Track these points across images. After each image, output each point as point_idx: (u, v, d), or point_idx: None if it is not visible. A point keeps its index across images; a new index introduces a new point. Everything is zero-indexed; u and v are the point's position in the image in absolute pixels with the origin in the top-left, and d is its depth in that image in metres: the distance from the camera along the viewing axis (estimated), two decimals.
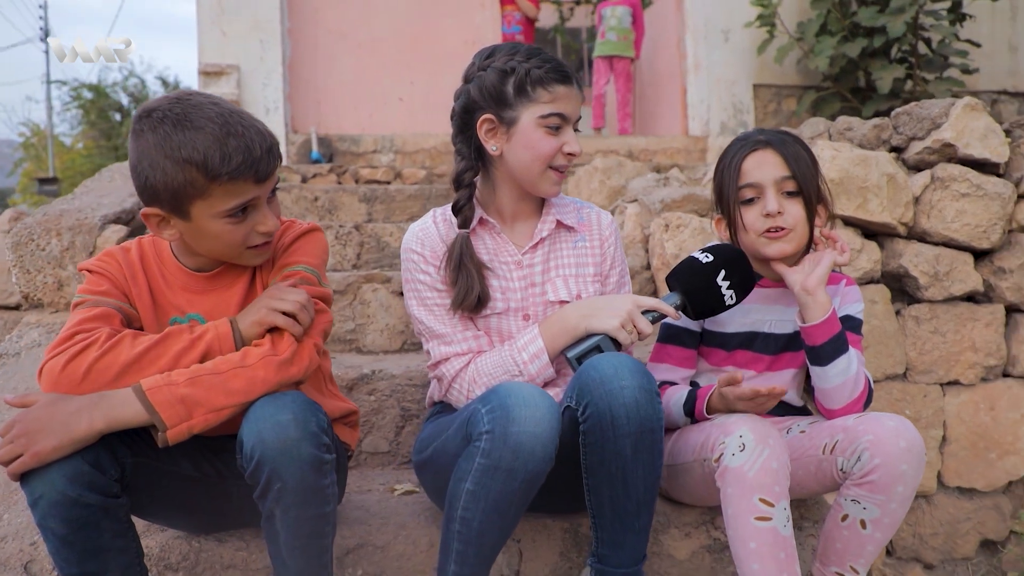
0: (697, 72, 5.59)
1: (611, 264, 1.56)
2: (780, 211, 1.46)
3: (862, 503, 1.33)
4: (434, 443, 1.41)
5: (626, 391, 1.23)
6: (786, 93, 5.67)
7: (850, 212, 2.22)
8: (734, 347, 1.57)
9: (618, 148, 5.06)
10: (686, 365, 1.59)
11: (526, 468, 1.18)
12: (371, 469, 1.93)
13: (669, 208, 2.50)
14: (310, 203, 3.52)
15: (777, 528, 1.27)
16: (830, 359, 1.43)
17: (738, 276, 1.41)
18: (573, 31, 9.54)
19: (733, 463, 1.28)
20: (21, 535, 1.43)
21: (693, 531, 1.56)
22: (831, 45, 4.87)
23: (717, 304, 1.41)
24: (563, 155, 1.44)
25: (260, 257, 1.31)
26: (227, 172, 1.15)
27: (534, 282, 1.51)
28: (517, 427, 1.17)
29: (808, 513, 1.64)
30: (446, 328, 1.46)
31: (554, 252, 1.53)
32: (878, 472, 1.30)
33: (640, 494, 1.28)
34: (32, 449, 1.07)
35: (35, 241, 2.33)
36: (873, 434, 1.32)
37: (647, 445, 1.25)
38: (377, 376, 1.96)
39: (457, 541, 1.24)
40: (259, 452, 1.11)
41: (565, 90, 1.42)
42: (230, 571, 1.40)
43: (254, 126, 1.21)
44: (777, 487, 1.27)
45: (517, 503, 1.22)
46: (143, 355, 1.16)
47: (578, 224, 1.55)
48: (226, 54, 4.85)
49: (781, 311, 1.56)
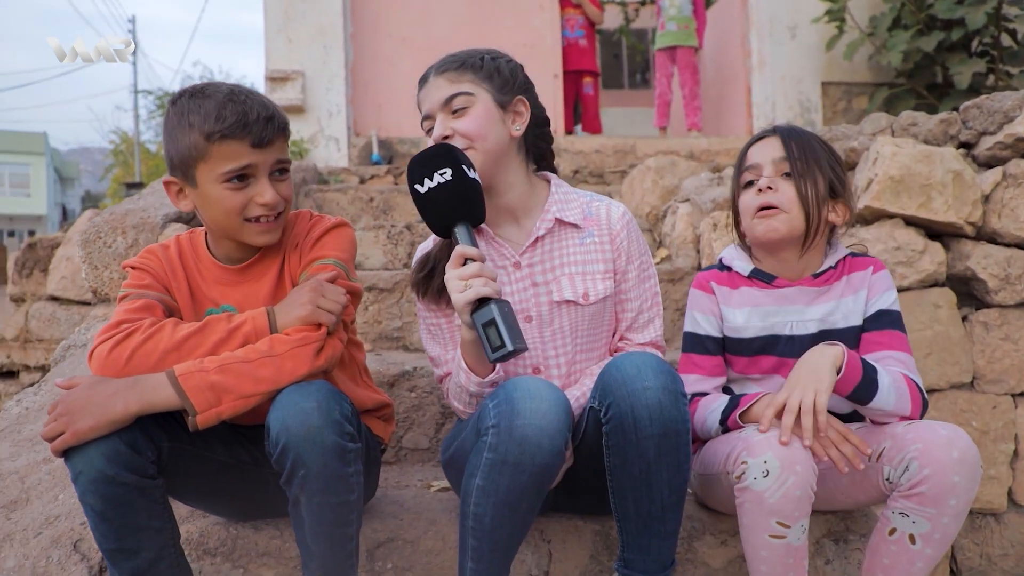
0: (762, 70, 5.43)
1: (627, 259, 1.47)
2: (772, 187, 1.43)
3: (911, 516, 1.27)
4: (455, 441, 1.42)
5: (649, 392, 1.19)
6: (856, 91, 5.45)
7: (912, 211, 2.11)
8: (754, 352, 1.51)
9: (679, 149, 4.97)
10: (715, 373, 1.53)
11: (533, 462, 1.16)
12: (411, 465, 1.95)
13: (720, 207, 2.44)
14: (365, 203, 3.58)
15: (790, 542, 1.25)
16: (864, 401, 1.35)
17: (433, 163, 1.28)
18: (639, 32, 9.46)
19: (755, 486, 1.24)
20: (72, 515, 1.50)
21: (729, 539, 1.51)
22: (905, 39, 4.65)
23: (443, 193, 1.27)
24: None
25: (262, 236, 1.33)
26: (220, 131, 1.23)
27: (536, 282, 1.45)
28: (522, 420, 1.16)
29: (854, 525, 1.57)
30: (437, 351, 1.49)
31: (558, 249, 1.46)
32: (928, 483, 1.23)
33: (665, 497, 1.24)
34: (72, 428, 1.13)
35: (102, 239, 2.45)
36: (923, 443, 1.26)
37: (671, 447, 1.21)
38: (418, 373, 1.98)
39: (472, 537, 1.23)
40: (284, 439, 1.14)
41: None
42: (265, 558, 1.44)
43: (260, 100, 1.29)
44: (798, 512, 1.24)
45: (528, 498, 1.20)
46: (183, 343, 1.22)
47: (584, 220, 1.47)
48: (291, 60, 4.99)
49: (800, 311, 1.49)
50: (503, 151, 1.42)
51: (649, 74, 10.57)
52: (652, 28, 8.32)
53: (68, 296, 3.46)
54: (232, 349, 1.22)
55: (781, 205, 1.43)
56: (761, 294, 1.50)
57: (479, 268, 1.24)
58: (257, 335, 1.23)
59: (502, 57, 1.47)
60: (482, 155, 1.38)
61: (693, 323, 1.54)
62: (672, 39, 5.66)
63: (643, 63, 10.66)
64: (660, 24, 5.77)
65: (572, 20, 5.94)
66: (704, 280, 1.56)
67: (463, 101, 1.39)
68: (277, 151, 1.30)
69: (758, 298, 1.50)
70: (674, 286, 2.48)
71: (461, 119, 1.39)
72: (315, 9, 5.01)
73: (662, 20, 5.74)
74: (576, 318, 1.44)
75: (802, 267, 1.49)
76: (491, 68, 1.42)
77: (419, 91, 1.46)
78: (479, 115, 1.39)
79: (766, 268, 1.51)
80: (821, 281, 1.48)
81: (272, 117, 1.29)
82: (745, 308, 1.51)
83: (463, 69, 1.41)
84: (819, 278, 1.48)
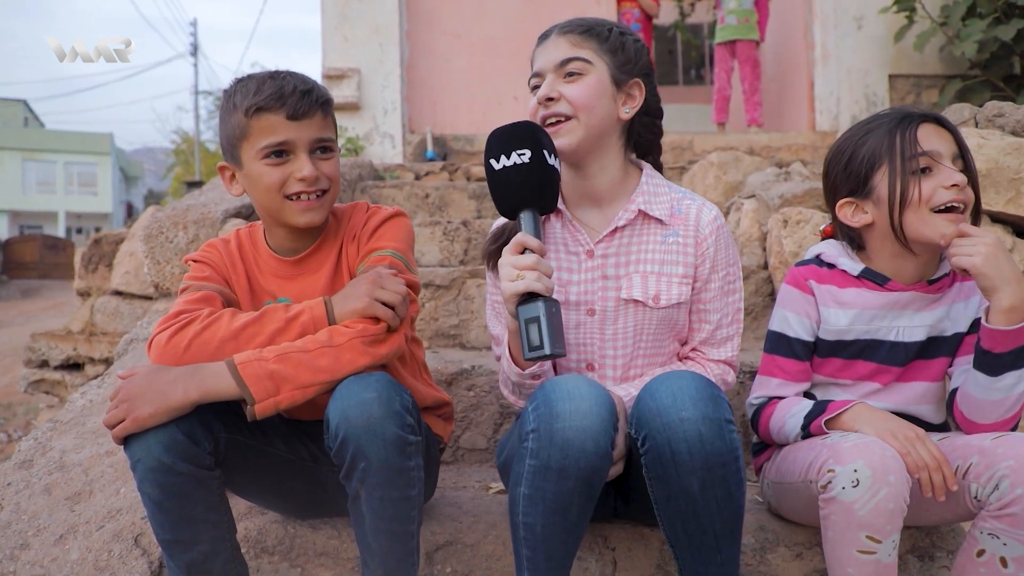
0: (825, 63, 5.25)
1: (711, 267, 1.36)
2: (959, 184, 1.28)
3: (1001, 538, 1.17)
4: (507, 447, 1.36)
5: (687, 424, 1.09)
6: (927, 83, 5.23)
7: (999, 207, 1.99)
8: (852, 355, 1.40)
9: (738, 145, 4.83)
10: (799, 379, 1.42)
11: (578, 465, 1.10)
12: (468, 466, 1.91)
13: (789, 203, 2.34)
14: (421, 200, 3.57)
15: (880, 559, 1.16)
16: (1004, 371, 1.25)
17: (516, 141, 1.21)
18: (694, 27, 9.26)
19: (843, 497, 1.15)
20: (134, 509, 1.50)
21: (805, 552, 1.43)
22: (980, 29, 4.43)
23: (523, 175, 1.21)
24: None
25: (304, 215, 1.30)
26: (256, 104, 1.25)
27: (607, 275, 1.36)
28: (562, 423, 1.09)
29: (941, 542, 1.47)
30: (499, 330, 1.42)
31: (637, 244, 1.37)
32: (1021, 504, 1.13)
33: (717, 528, 1.15)
34: (132, 414, 1.12)
35: (164, 234, 2.48)
36: (1015, 459, 1.15)
37: (718, 480, 1.11)
38: (476, 372, 1.94)
39: (525, 547, 1.17)
40: (344, 430, 1.11)
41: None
42: (322, 558, 1.41)
43: (300, 76, 1.29)
44: (890, 526, 1.14)
45: (578, 502, 1.13)
46: (240, 332, 1.20)
47: (670, 217, 1.37)
48: (347, 58, 5.02)
49: (910, 317, 1.37)
50: (605, 130, 1.35)
51: (704, 70, 10.37)
52: (708, 23, 8.14)
53: (131, 290, 3.54)
54: (290, 339, 1.20)
55: (968, 203, 1.30)
56: (871, 296, 1.38)
57: (536, 261, 1.18)
58: (315, 325, 1.21)
59: (630, 35, 1.39)
60: (583, 128, 1.32)
61: (783, 323, 1.42)
62: (732, 33, 5.51)
63: (698, 59, 10.45)
64: (720, 18, 5.63)
65: (628, 14, 5.83)
66: (801, 278, 1.42)
67: (579, 67, 1.32)
68: (316, 127, 1.28)
69: (867, 300, 1.38)
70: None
71: (572, 84, 1.32)
72: (372, 8, 5.03)
73: (721, 14, 5.60)
74: (642, 320, 1.36)
75: (922, 271, 1.38)
76: (616, 42, 1.36)
77: (536, 47, 1.39)
78: (591, 85, 1.32)
79: (879, 269, 1.38)
80: (936, 288, 1.37)
81: (310, 91, 1.27)
82: (852, 310, 1.39)
83: (588, 35, 1.34)
84: (935, 284, 1.37)
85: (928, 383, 1.40)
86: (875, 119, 1.37)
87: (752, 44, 5.50)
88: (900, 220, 1.31)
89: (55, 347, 3.77)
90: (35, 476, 1.68)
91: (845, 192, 1.39)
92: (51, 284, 16.98)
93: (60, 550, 1.44)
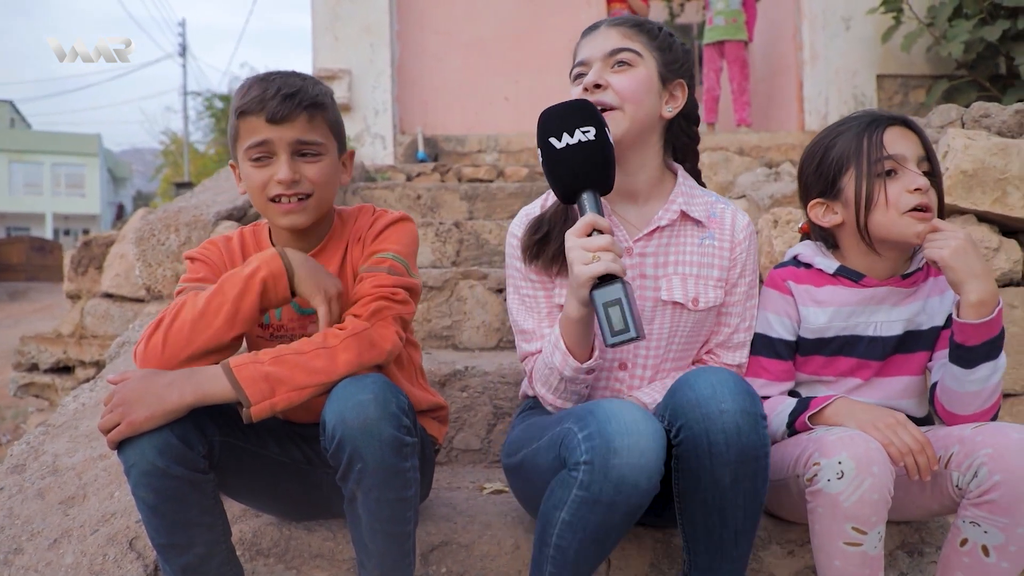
0: (814, 63, 5.28)
1: (740, 272, 1.39)
2: (921, 187, 1.32)
3: (982, 526, 1.19)
4: (524, 450, 1.34)
5: (726, 416, 1.09)
6: (914, 83, 5.27)
7: (986, 207, 2.01)
8: (833, 352, 1.43)
9: (727, 145, 4.86)
10: (783, 378, 1.45)
11: (629, 502, 1.08)
12: (462, 466, 1.92)
13: (779, 203, 2.36)
14: (413, 201, 3.57)
15: (867, 551, 1.18)
16: (978, 363, 1.28)
17: (571, 119, 1.17)
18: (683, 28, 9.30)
19: (829, 489, 1.17)
20: (129, 512, 1.50)
21: (797, 549, 1.44)
22: (967, 29, 4.47)
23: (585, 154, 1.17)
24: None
25: (285, 217, 1.31)
26: (240, 107, 1.28)
27: (645, 274, 1.36)
28: (619, 459, 1.06)
29: (930, 537, 1.49)
30: (531, 324, 1.40)
31: (675, 245, 1.37)
32: (999, 491, 1.16)
33: (739, 523, 1.16)
34: (127, 418, 1.12)
35: (156, 236, 2.47)
36: (993, 447, 1.18)
37: (749, 474, 1.12)
38: (470, 373, 1.95)
39: (551, 565, 1.17)
40: (340, 432, 1.12)
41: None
42: (317, 560, 1.42)
43: (289, 80, 1.30)
44: (875, 517, 1.16)
45: (616, 533, 1.14)
46: (206, 307, 1.19)
47: (708, 219, 1.38)
48: (338, 59, 5.02)
49: (887, 311, 1.41)
50: (649, 126, 1.35)
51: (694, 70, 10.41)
52: (697, 24, 8.17)
53: (122, 293, 3.52)
54: (253, 298, 1.20)
55: (932, 206, 1.34)
56: (847, 293, 1.42)
57: (610, 241, 1.13)
58: (275, 281, 1.21)
59: (675, 37, 1.41)
60: (628, 120, 1.31)
61: (765, 325, 1.46)
62: (720, 34, 5.54)
63: None
64: (708, 19, 5.65)
65: (617, 15, 5.84)
66: (780, 279, 1.47)
67: (629, 57, 1.33)
68: (299, 129, 1.28)
69: (843, 297, 1.42)
70: None
71: (621, 74, 1.32)
72: (362, 8, 5.03)
73: (710, 15, 5.62)
74: (678, 322, 1.37)
75: (894, 266, 1.42)
76: (666, 41, 1.37)
77: (582, 39, 1.39)
78: (640, 78, 1.32)
79: (852, 266, 1.43)
80: (910, 282, 1.41)
81: (293, 94, 1.27)
82: (829, 307, 1.43)
83: (639, 30, 1.36)
84: (908, 279, 1.41)
85: (909, 377, 1.44)
86: (845, 122, 1.41)
87: (740, 44, 5.53)
88: (866, 221, 1.36)
89: (45, 350, 3.75)
90: (28, 480, 1.68)
91: (816, 193, 1.43)
92: (39, 286, 16.85)
93: (54, 554, 1.44)
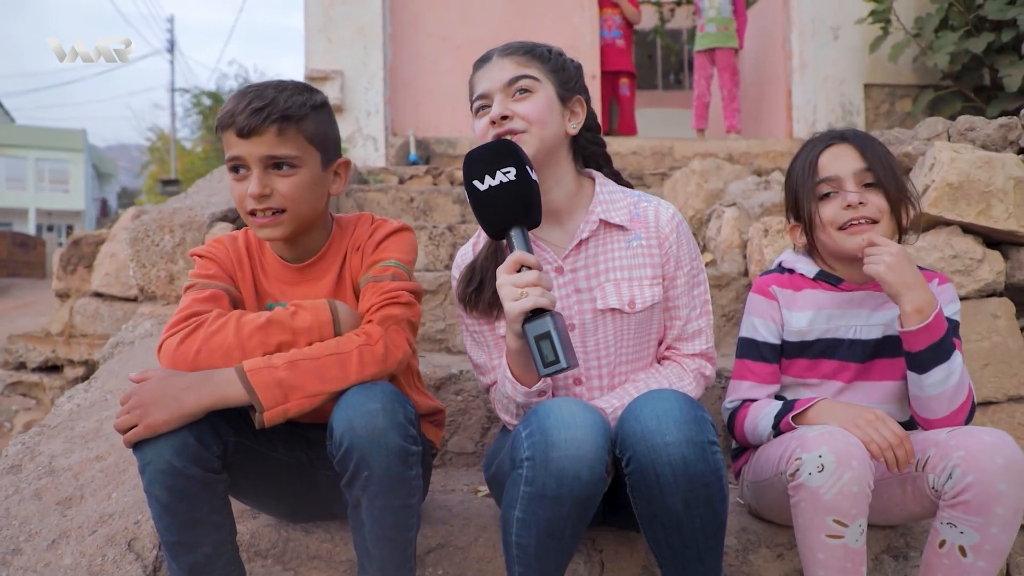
0: (803, 72, 5.34)
1: (676, 264, 1.40)
2: (862, 202, 1.41)
3: (958, 526, 1.24)
4: (496, 460, 1.38)
5: (671, 448, 1.10)
6: (901, 93, 5.34)
7: (971, 218, 2.05)
8: (815, 355, 1.49)
9: (717, 151, 4.91)
10: (770, 380, 1.51)
11: (572, 494, 1.11)
12: (456, 469, 1.94)
13: (769, 212, 2.40)
14: (406, 204, 3.59)
15: (848, 544, 1.22)
16: (929, 367, 1.34)
17: (497, 161, 1.20)
18: (673, 33, 9.37)
19: (810, 482, 1.21)
20: (127, 513, 1.51)
21: (786, 552, 1.48)
22: (953, 41, 4.54)
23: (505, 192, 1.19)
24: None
25: (261, 231, 1.33)
26: (218, 121, 1.30)
27: (579, 288, 1.39)
28: (557, 452, 1.10)
29: (914, 542, 1.53)
30: (482, 359, 1.45)
31: (603, 253, 1.40)
32: (972, 491, 1.21)
33: (700, 543, 1.18)
34: (145, 421, 1.14)
35: (150, 237, 2.47)
36: (966, 449, 1.23)
37: (702, 500, 1.13)
38: (464, 376, 1.97)
39: (517, 564, 1.21)
40: (348, 439, 1.14)
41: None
42: (315, 561, 1.43)
43: (263, 92, 1.28)
44: (855, 509, 1.21)
45: (572, 527, 1.16)
46: (247, 341, 1.22)
47: (630, 221, 1.40)
48: (331, 60, 5.01)
49: (866, 316, 1.48)
50: (556, 145, 1.38)
51: (683, 75, 10.47)
52: (687, 28, 8.24)
53: (112, 292, 3.51)
54: (297, 347, 1.22)
55: (873, 217, 1.41)
56: (826, 296, 1.49)
57: (537, 277, 1.17)
58: (320, 332, 1.24)
59: (565, 55, 1.44)
60: (537, 142, 1.33)
61: (751, 329, 1.52)
62: (711, 41, 5.58)
63: (677, 64, 10.57)
64: (699, 26, 5.69)
65: (610, 20, 5.88)
66: (764, 285, 1.53)
67: (529, 84, 1.35)
68: (268, 144, 1.26)
69: (823, 300, 1.49)
70: (720, 292, 2.44)
71: (523, 102, 1.35)
72: (356, 10, 5.03)
73: (701, 22, 5.66)
74: (621, 327, 1.39)
75: (865, 275, 1.46)
76: (558, 62, 1.40)
77: (476, 71, 1.41)
78: (542, 101, 1.35)
79: (836, 272, 1.49)
80: None
81: (262, 108, 1.25)
82: (809, 311, 1.49)
83: (531, 56, 1.38)
84: None
85: (890, 382, 1.49)
86: (805, 144, 1.52)
87: (731, 52, 5.57)
88: (813, 240, 1.47)
89: (33, 349, 3.73)
90: (24, 481, 1.68)
91: (793, 216, 1.52)
92: (21, 283, 16.67)
93: (53, 555, 1.45)
